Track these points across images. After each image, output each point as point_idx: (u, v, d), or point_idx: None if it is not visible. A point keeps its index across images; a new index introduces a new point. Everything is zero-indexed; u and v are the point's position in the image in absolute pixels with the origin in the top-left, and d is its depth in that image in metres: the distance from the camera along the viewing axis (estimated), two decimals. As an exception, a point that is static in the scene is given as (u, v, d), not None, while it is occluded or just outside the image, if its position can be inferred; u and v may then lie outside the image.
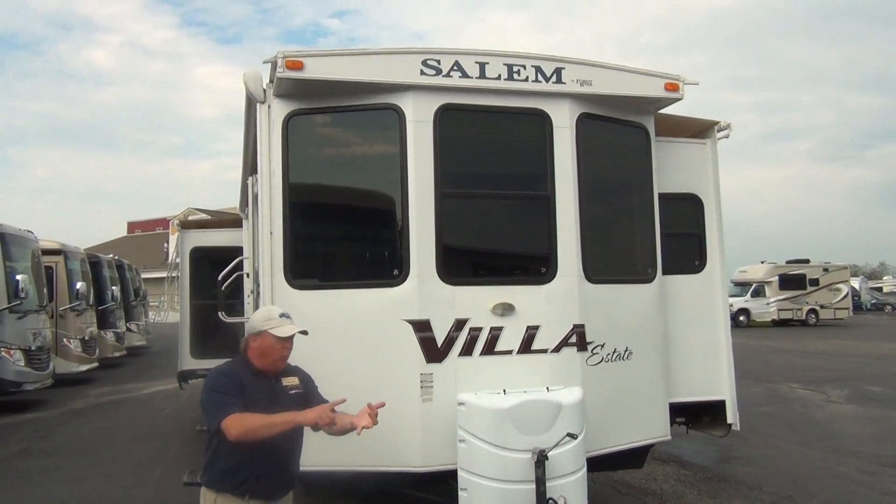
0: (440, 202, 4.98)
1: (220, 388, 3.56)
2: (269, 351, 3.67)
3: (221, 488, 3.52)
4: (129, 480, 8.53)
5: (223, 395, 3.51)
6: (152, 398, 15.56)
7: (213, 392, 3.56)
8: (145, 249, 57.69)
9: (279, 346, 3.66)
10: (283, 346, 3.67)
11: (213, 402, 3.53)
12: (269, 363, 3.68)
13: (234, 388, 3.54)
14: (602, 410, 5.15)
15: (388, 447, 4.79)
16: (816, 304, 38.35)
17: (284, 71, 4.74)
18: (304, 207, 5.23)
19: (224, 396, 3.50)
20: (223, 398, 3.50)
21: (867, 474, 8.26)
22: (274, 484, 3.57)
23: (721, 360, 6.26)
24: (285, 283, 4.97)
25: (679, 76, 5.54)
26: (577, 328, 5.18)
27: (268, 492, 3.55)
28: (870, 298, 57.13)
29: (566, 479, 4.56)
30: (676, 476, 8.16)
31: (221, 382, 3.59)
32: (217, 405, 3.49)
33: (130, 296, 25.62)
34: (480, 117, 5.24)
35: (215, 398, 3.53)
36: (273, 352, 3.66)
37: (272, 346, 3.66)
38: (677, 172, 6.16)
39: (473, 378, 4.90)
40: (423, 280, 4.91)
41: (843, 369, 18.55)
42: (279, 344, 3.65)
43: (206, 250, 11.73)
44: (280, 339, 3.65)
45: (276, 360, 3.68)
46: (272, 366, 3.69)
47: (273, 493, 3.59)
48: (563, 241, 5.20)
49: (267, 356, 3.68)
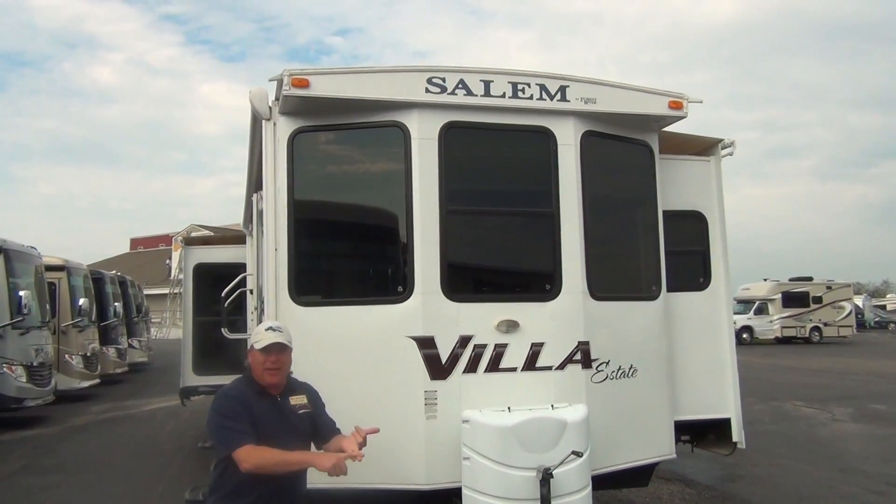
0: (445, 219, 4.99)
1: (230, 413, 3.55)
2: (256, 365, 3.67)
3: None
4: (130, 498, 8.49)
5: (234, 422, 3.51)
6: (154, 415, 15.51)
7: (223, 418, 3.55)
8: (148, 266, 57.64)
9: (262, 359, 3.64)
10: (267, 358, 3.64)
11: (223, 428, 3.52)
12: (258, 377, 3.67)
13: (243, 413, 3.53)
14: (607, 428, 5.12)
15: (392, 465, 4.77)
16: (820, 322, 38.28)
17: (290, 89, 4.77)
18: (309, 224, 5.24)
19: (235, 423, 3.50)
20: (234, 425, 3.49)
21: (874, 493, 8.19)
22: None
23: (726, 378, 6.24)
24: (289, 300, 4.97)
25: (682, 94, 5.56)
26: (582, 345, 5.17)
27: None
28: (873, 316, 56.97)
29: (571, 498, 4.54)
30: (681, 495, 8.10)
31: (230, 407, 3.58)
32: (228, 432, 3.49)
33: (133, 312, 25.69)
34: (485, 135, 5.26)
35: (226, 424, 3.52)
36: (258, 365, 3.66)
37: (256, 360, 3.67)
38: (681, 190, 6.16)
39: (478, 395, 4.89)
40: (427, 296, 4.91)
41: (847, 387, 18.47)
42: (262, 356, 3.64)
43: (210, 266, 11.75)
44: (261, 352, 3.64)
45: (262, 373, 3.66)
46: (262, 380, 3.67)
47: None
48: (567, 258, 5.20)
49: (255, 370, 3.68)
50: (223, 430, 3.52)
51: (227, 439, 3.48)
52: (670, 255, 5.88)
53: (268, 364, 3.64)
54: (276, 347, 3.64)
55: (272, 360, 3.64)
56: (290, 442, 3.56)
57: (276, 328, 3.75)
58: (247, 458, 3.38)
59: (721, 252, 6.36)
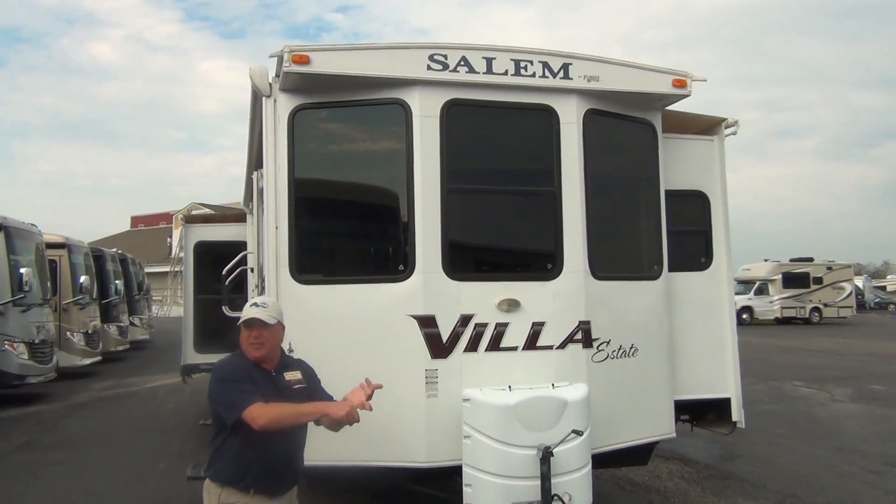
0: (446, 198, 4.97)
1: (233, 377, 3.55)
2: (242, 340, 3.68)
3: (226, 482, 3.51)
4: (132, 474, 8.53)
5: (238, 384, 3.50)
6: (155, 392, 15.58)
7: (227, 383, 3.54)
8: (148, 244, 57.75)
9: (246, 334, 3.65)
10: (249, 333, 3.63)
11: (228, 392, 3.51)
12: (245, 351, 3.67)
13: (246, 377, 3.53)
14: (607, 407, 5.13)
15: (392, 442, 4.79)
16: (820, 303, 38.30)
17: (291, 65, 4.72)
18: (310, 202, 5.21)
19: (240, 385, 3.49)
20: (240, 387, 3.48)
21: (872, 473, 8.23)
22: (278, 479, 3.56)
23: (726, 358, 6.24)
24: (290, 278, 4.96)
25: (687, 72, 5.51)
26: (583, 325, 5.16)
27: (272, 486, 3.55)
28: (873, 297, 57.07)
29: (571, 476, 4.56)
30: (680, 474, 8.14)
31: (232, 372, 3.58)
32: (235, 395, 3.47)
33: (134, 290, 25.66)
34: (487, 113, 5.21)
35: (230, 388, 3.51)
36: (244, 340, 3.67)
37: (242, 335, 3.68)
38: (684, 169, 6.12)
39: (478, 374, 4.89)
40: (428, 275, 4.90)
41: (847, 368, 18.51)
42: (245, 331, 3.65)
43: (210, 245, 11.74)
44: (244, 327, 3.65)
45: (247, 348, 3.66)
46: (248, 354, 3.66)
47: (278, 488, 3.58)
48: (569, 237, 5.18)
49: (243, 345, 3.69)
50: (228, 393, 3.51)
51: (234, 402, 3.44)
52: (672, 234, 5.85)
53: (251, 339, 3.64)
54: (257, 323, 3.63)
55: (254, 335, 3.63)
56: None
57: (260, 304, 3.73)
58: (261, 415, 3.36)
59: (723, 232, 6.33)
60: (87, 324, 18.29)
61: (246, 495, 3.49)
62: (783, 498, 7.18)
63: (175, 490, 7.72)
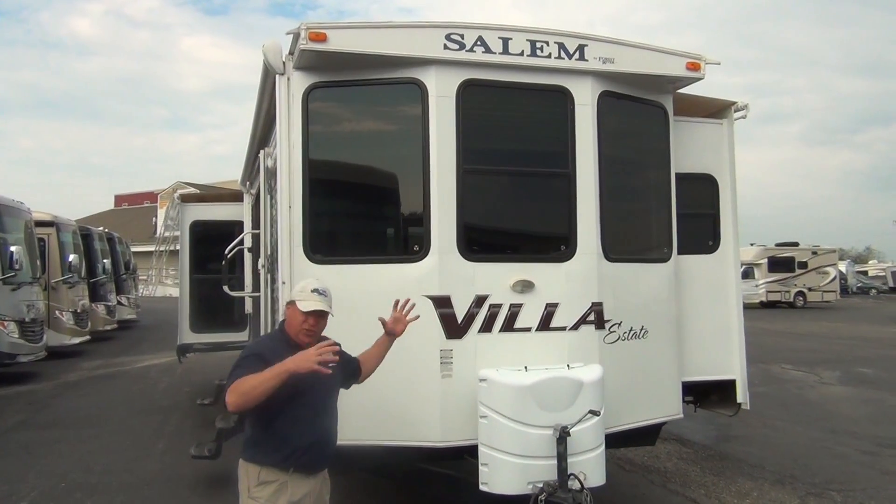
0: (462, 178, 4.95)
1: (242, 364, 3.50)
2: (292, 321, 3.66)
3: (266, 462, 3.50)
4: (131, 453, 8.52)
5: (240, 369, 3.45)
6: (147, 372, 15.53)
7: (236, 369, 3.51)
8: (133, 223, 57.25)
9: (301, 319, 3.61)
10: (305, 320, 3.61)
11: (233, 373, 3.47)
12: (294, 335, 3.66)
13: (256, 366, 3.46)
14: (618, 388, 5.16)
15: (408, 422, 4.81)
16: (804, 287, 38.71)
17: (307, 43, 4.67)
18: (324, 181, 5.17)
19: (241, 370, 3.44)
20: (239, 371, 3.43)
21: (866, 454, 8.37)
22: (316, 457, 3.57)
23: (732, 340, 6.30)
24: (304, 258, 4.94)
25: (700, 55, 5.51)
26: (596, 306, 5.19)
27: (310, 465, 3.55)
28: (856, 282, 57.68)
29: (586, 456, 4.60)
30: (679, 454, 8.24)
31: (246, 360, 3.54)
32: (231, 379, 3.43)
33: (121, 269, 25.49)
34: (502, 93, 5.18)
35: (234, 373, 3.47)
36: (294, 323, 3.64)
37: (294, 318, 3.65)
38: (693, 152, 6.14)
39: (493, 354, 4.90)
40: (443, 256, 4.90)
41: (833, 351, 18.75)
42: (301, 317, 3.61)
43: (206, 224, 11.67)
44: (302, 313, 3.61)
45: (297, 332, 3.63)
46: (297, 339, 3.64)
47: (315, 465, 3.59)
48: (582, 219, 5.19)
49: (291, 327, 3.67)
50: (231, 376, 3.46)
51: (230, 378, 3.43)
52: (681, 217, 5.87)
53: (306, 326, 3.61)
54: (317, 314, 3.63)
55: (311, 323, 3.62)
56: (320, 394, 3.59)
57: (321, 291, 3.68)
58: (229, 395, 3.32)
59: (731, 216, 6.37)
60: (76, 303, 18.18)
61: (285, 474, 3.49)
62: (782, 478, 7.29)
63: (177, 469, 7.73)
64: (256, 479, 3.50)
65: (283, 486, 3.47)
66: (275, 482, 3.47)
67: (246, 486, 3.54)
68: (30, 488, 7.07)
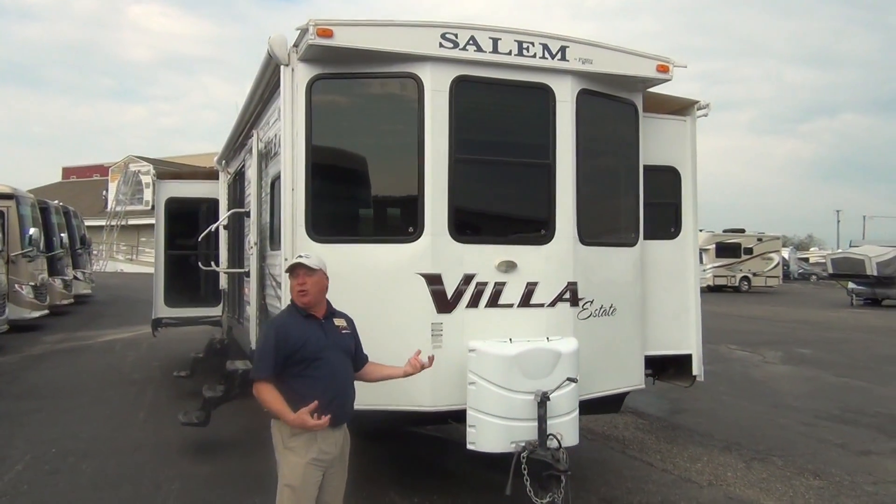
0: (454, 166, 5.38)
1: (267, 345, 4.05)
2: (291, 291, 4.19)
3: None
4: (113, 422, 8.79)
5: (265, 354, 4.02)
6: (111, 346, 15.66)
7: (260, 347, 4.10)
8: (82, 196, 55.98)
9: (292, 283, 4.17)
10: (295, 281, 4.14)
11: (261, 351, 4.09)
12: (295, 300, 4.17)
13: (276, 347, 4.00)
14: (589, 360, 5.67)
15: (401, 389, 5.22)
16: (749, 272, 40.15)
17: (315, 38, 5.03)
18: (325, 165, 5.55)
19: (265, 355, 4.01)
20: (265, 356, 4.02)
21: (805, 425, 9.14)
22: (338, 411, 4.02)
23: (690, 318, 6.89)
24: (306, 236, 5.33)
25: (669, 58, 6.03)
26: (571, 286, 5.70)
27: (335, 418, 4.00)
28: (797, 268, 59.88)
29: (563, 419, 5.12)
30: (635, 425, 8.88)
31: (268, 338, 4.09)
32: (260, 360, 4.06)
33: (77, 243, 25.23)
34: (491, 89, 5.61)
35: (259, 354, 4.10)
36: (292, 290, 4.18)
37: (290, 286, 4.19)
38: (659, 146, 6.66)
39: (479, 328, 5.36)
40: (436, 237, 5.33)
41: (775, 333, 19.79)
42: (292, 280, 4.17)
43: (182, 201, 11.90)
44: (289, 276, 4.18)
45: (295, 296, 4.15)
46: (298, 301, 4.15)
47: (337, 419, 4.05)
48: (561, 206, 5.67)
49: (293, 295, 4.19)
50: (260, 352, 4.09)
51: (257, 367, 4.08)
52: (647, 205, 6.40)
53: (296, 286, 4.14)
54: (301, 268, 4.12)
55: (299, 283, 4.13)
56: (336, 357, 4.09)
57: (305, 256, 4.24)
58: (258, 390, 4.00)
59: (691, 204, 6.93)
60: (35, 276, 18.08)
61: None
62: (729, 445, 7.97)
63: (162, 436, 8.06)
64: (290, 431, 3.95)
65: (313, 437, 3.95)
66: (305, 433, 3.94)
67: (280, 440, 4.00)
68: (21, 453, 7.32)
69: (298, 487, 3.91)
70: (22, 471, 6.79)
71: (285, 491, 3.94)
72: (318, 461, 3.97)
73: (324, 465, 4.00)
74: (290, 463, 3.95)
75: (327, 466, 4.03)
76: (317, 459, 3.97)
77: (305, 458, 3.94)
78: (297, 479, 3.92)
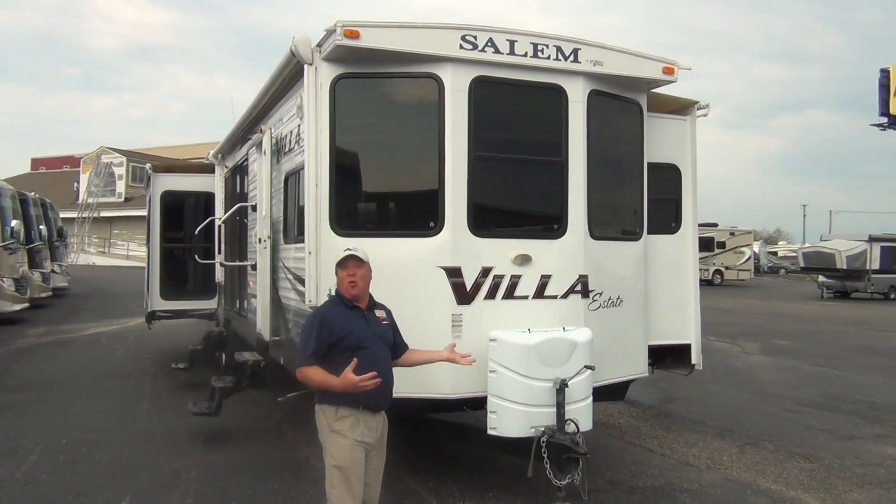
0: (473, 164, 5.60)
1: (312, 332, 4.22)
2: (340, 282, 4.38)
3: (340, 402, 4.15)
4: (117, 414, 8.87)
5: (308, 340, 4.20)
6: (97, 339, 15.64)
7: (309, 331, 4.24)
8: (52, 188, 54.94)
9: (343, 274, 4.35)
10: (346, 273, 4.32)
11: (306, 338, 4.25)
12: (344, 291, 4.35)
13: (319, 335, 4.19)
14: (599, 349, 5.92)
15: (423, 377, 5.43)
16: (722, 266, 40.97)
17: (343, 39, 5.21)
18: (349, 163, 5.75)
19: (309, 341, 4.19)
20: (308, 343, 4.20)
21: (790, 412, 9.53)
22: (379, 396, 4.22)
23: (689, 309, 7.20)
24: (331, 231, 5.52)
25: (675, 61, 6.30)
26: (582, 278, 5.95)
27: (375, 403, 4.22)
28: (767, 262, 61.17)
29: (579, 405, 5.39)
30: (629, 413, 9.18)
31: (312, 327, 4.26)
32: (303, 346, 4.23)
33: (54, 236, 25.00)
34: (508, 89, 5.83)
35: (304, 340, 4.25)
36: (341, 281, 4.36)
37: (340, 278, 4.38)
38: (661, 144, 6.94)
39: (496, 319, 5.59)
40: (455, 232, 5.55)
41: (752, 325, 20.32)
42: (342, 272, 4.35)
43: (177, 194, 11.97)
44: (340, 268, 4.36)
45: (346, 286, 4.34)
46: (346, 293, 4.34)
47: (378, 404, 4.26)
48: (573, 202, 5.92)
49: (341, 286, 4.38)
50: (306, 339, 4.25)
51: (302, 353, 4.22)
52: (650, 201, 6.69)
53: (347, 278, 4.32)
54: (352, 260, 4.32)
55: (350, 273, 4.32)
56: (377, 347, 4.29)
57: (351, 248, 4.42)
58: (302, 374, 4.19)
59: (691, 200, 7.23)
60: (16, 269, 17.93)
61: (356, 410, 4.16)
62: (721, 431, 8.31)
63: (169, 426, 8.18)
64: (335, 415, 4.15)
65: (357, 420, 4.15)
66: (350, 416, 4.15)
67: (325, 424, 4.19)
68: (33, 444, 7.40)
69: (347, 467, 4.11)
70: (37, 460, 6.88)
71: (334, 472, 4.13)
72: (363, 443, 4.18)
73: (367, 447, 4.21)
74: (337, 444, 4.14)
75: (369, 449, 4.24)
76: (361, 441, 4.17)
77: (351, 438, 4.14)
78: (346, 458, 4.12)
